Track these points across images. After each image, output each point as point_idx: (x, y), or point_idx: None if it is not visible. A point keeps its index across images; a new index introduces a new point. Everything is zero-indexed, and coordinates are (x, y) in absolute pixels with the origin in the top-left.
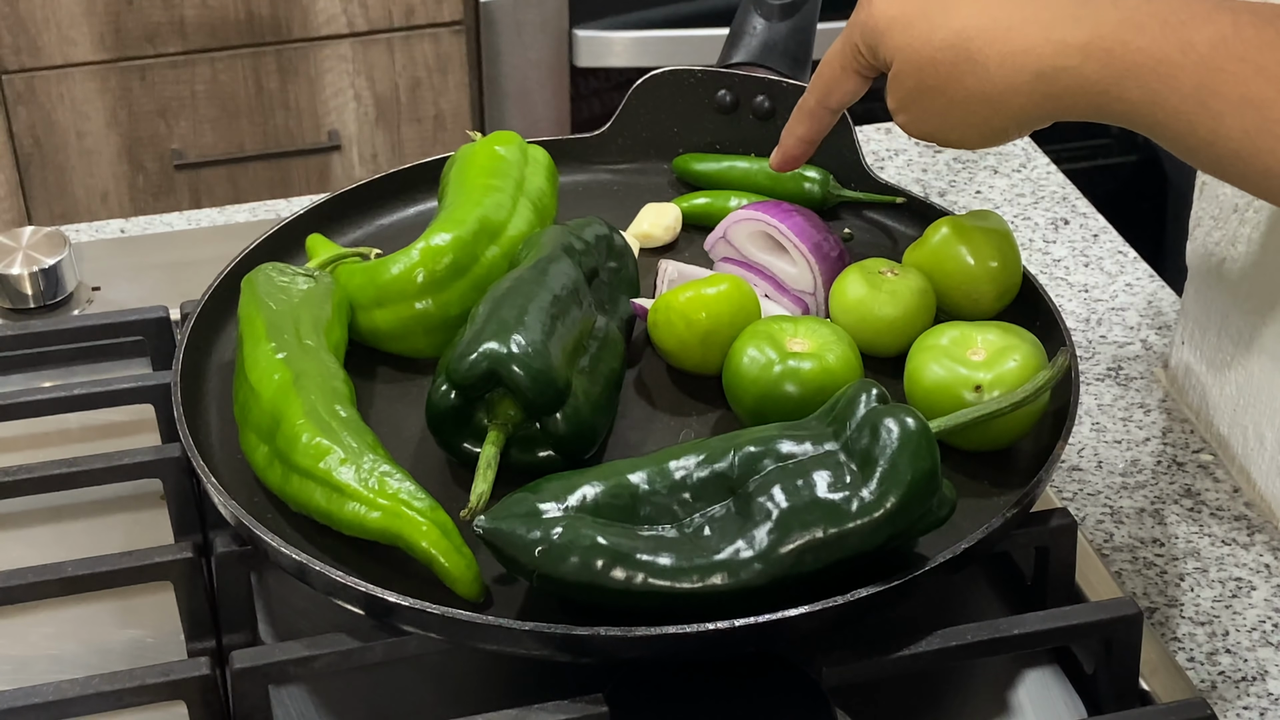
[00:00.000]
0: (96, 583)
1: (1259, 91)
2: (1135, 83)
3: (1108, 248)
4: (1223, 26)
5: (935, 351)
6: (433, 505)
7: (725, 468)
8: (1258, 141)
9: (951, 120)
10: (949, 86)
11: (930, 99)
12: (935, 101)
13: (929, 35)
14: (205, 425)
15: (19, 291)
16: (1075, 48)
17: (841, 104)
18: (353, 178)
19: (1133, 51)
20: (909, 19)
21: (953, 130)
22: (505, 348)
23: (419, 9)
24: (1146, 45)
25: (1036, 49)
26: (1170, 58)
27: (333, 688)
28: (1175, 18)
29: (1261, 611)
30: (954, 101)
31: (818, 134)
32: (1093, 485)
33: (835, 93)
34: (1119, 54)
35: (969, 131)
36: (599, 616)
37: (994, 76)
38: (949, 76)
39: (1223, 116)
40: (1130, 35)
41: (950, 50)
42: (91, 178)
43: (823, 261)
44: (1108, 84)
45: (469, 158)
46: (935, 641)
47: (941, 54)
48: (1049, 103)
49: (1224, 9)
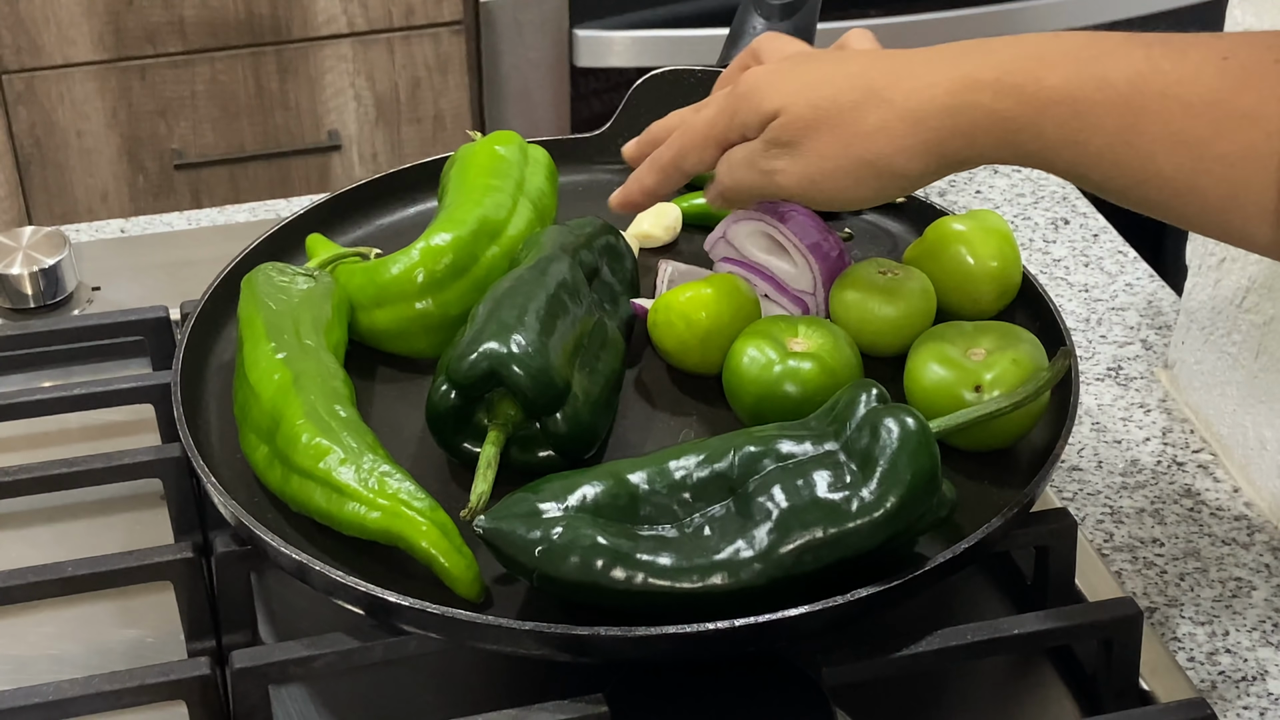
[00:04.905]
0: (96, 583)
1: (1190, 129)
2: (1051, 123)
3: (1108, 248)
4: (1137, 62)
5: (935, 351)
6: (432, 505)
7: (725, 468)
8: (1193, 180)
9: (843, 165)
10: (848, 125)
11: (824, 141)
12: (829, 144)
13: (829, 75)
14: (205, 425)
15: (19, 291)
16: (985, 83)
17: (695, 170)
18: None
19: (1046, 89)
20: (800, 71)
21: (841, 176)
22: (505, 348)
23: (419, 9)
24: (1059, 83)
25: (944, 83)
26: (1087, 96)
27: (333, 688)
28: (1086, 53)
29: (1261, 611)
30: (853, 141)
31: (665, 190)
32: (1093, 485)
33: (691, 158)
34: (1031, 91)
35: (864, 176)
36: (599, 616)
37: (899, 110)
38: (849, 115)
39: (1153, 157)
40: (1042, 72)
41: (852, 90)
42: (91, 178)
43: (823, 261)
44: (1022, 122)
45: (469, 158)
46: (935, 641)
47: (842, 94)
48: (957, 140)
49: (1135, 43)
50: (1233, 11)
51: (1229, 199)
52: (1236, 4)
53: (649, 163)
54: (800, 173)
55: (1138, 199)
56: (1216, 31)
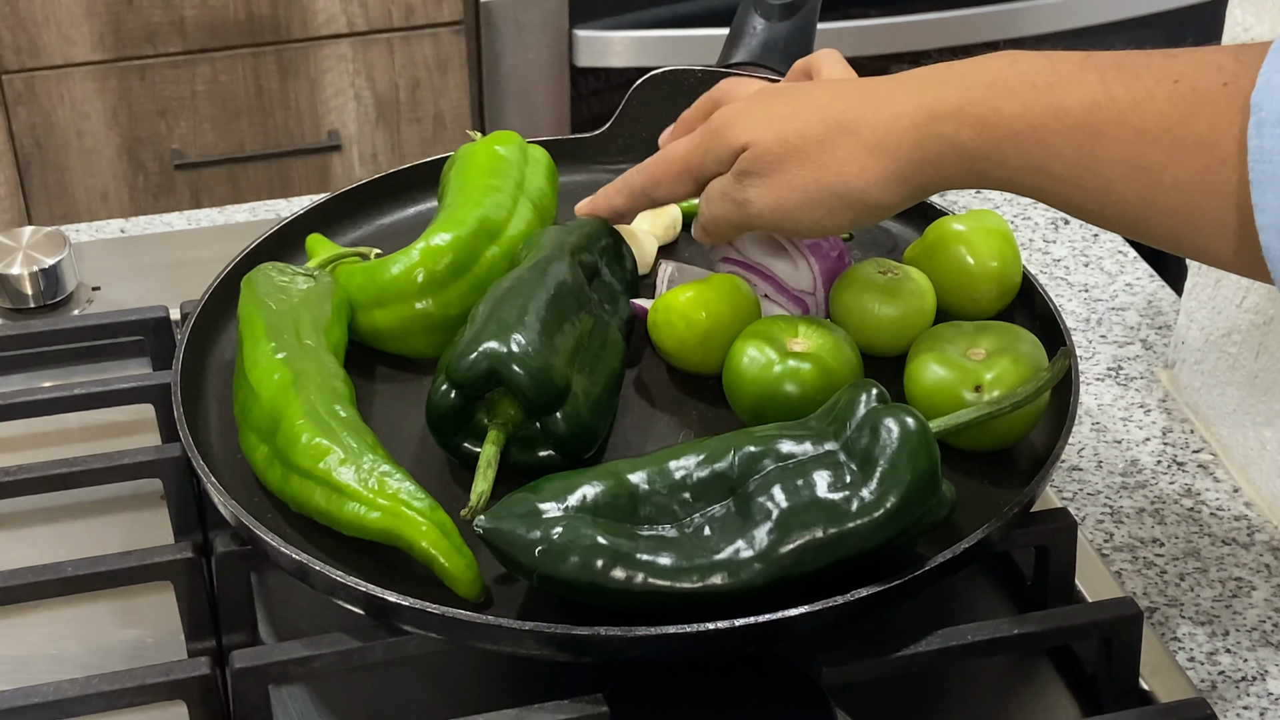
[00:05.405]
0: (96, 583)
1: (1145, 155)
2: (1013, 151)
3: (1108, 248)
4: (1092, 88)
5: (935, 351)
6: (432, 505)
7: (725, 468)
8: (1152, 205)
9: (813, 196)
10: (819, 157)
11: (794, 172)
12: (800, 175)
13: (796, 109)
14: (205, 425)
15: (19, 291)
16: (947, 113)
17: (665, 200)
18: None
19: (1006, 118)
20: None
21: (816, 208)
22: (505, 347)
23: (419, 9)
24: (1019, 111)
25: (909, 114)
26: (1046, 124)
27: (333, 688)
28: (1043, 80)
29: (1261, 611)
30: (823, 173)
31: (631, 213)
32: (1093, 485)
33: (664, 188)
34: (992, 120)
35: (836, 207)
36: (599, 616)
37: (868, 142)
38: (819, 148)
39: (1112, 183)
40: (1001, 101)
41: (822, 124)
42: (91, 178)
43: (823, 261)
44: (986, 150)
45: (469, 158)
46: (935, 641)
47: (811, 128)
48: (927, 169)
49: (1090, 67)
50: (1233, 11)
51: (1187, 222)
52: (1236, 4)
53: (621, 183)
54: (773, 202)
55: (1101, 220)
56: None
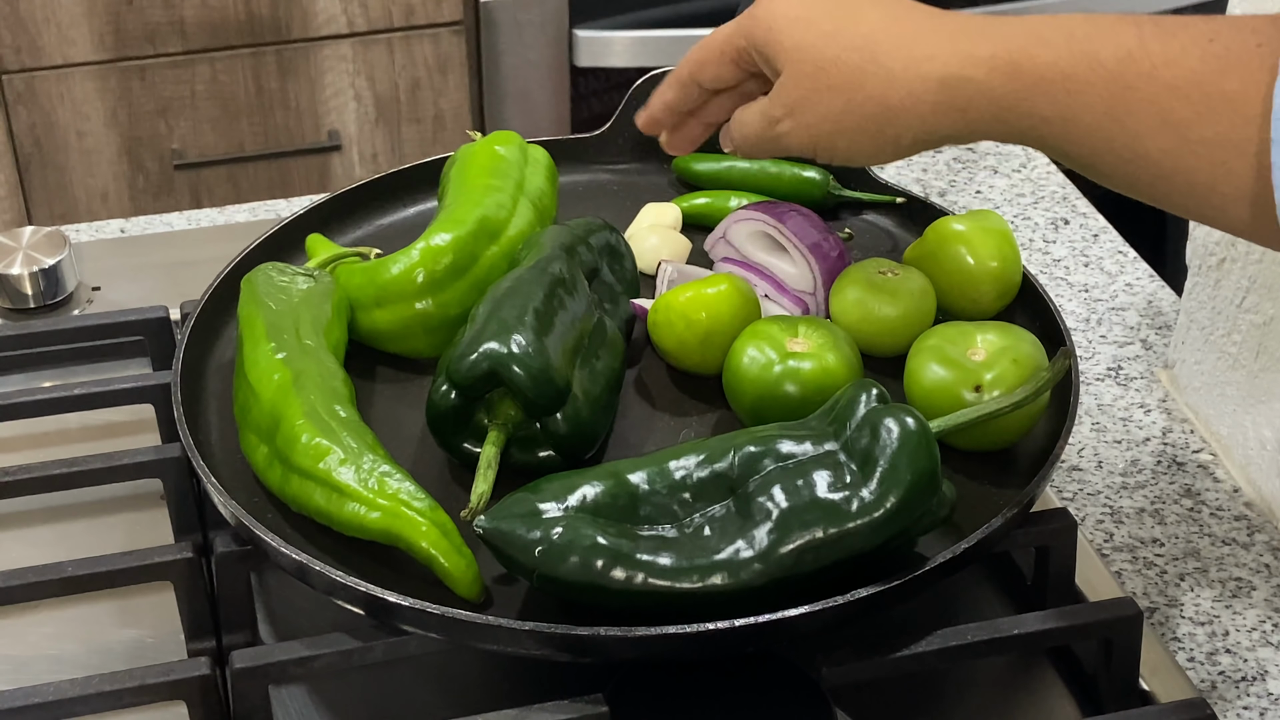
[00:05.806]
0: (96, 583)
1: (1175, 111)
2: (1045, 98)
3: (1108, 248)
4: (1128, 41)
5: (935, 351)
6: (432, 505)
7: (725, 468)
8: (1177, 161)
9: (845, 125)
10: (849, 89)
11: (826, 101)
12: (831, 104)
13: (834, 34)
14: (205, 425)
15: (19, 291)
16: (980, 59)
17: (713, 84)
18: (353, 178)
19: (1040, 66)
20: (812, 18)
21: (843, 136)
22: (505, 348)
23: (419, 9)
24: (1053, 60)
25: (941, 56)
26: (1078, 74)
27: (333, 688)
28: (1080, 31)
29: (1261, 611)
30: (852, 105)
31: (683, 105)
32: (1093, 485)
33: (708, 71)
34: (1026, 68)
35: (861, 139)
36: (599, 616)
37: (897, 81)
38: (851, 78)
39: (1140, 137)
40: (1036, 49)
41: (856, 52)
42: (91, 178)
43: (823, 261)
44: (1015, 99)
45: (469, 158)
46: (935, 641)
47: (846, 54)
48: (952, 114)
49: (1128, 23)
50: (1233, 11)
51: (1210, 182)
52: (1237, 4)
53: (670, 77)
54: (805, 132)
55: (1124, 179)
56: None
